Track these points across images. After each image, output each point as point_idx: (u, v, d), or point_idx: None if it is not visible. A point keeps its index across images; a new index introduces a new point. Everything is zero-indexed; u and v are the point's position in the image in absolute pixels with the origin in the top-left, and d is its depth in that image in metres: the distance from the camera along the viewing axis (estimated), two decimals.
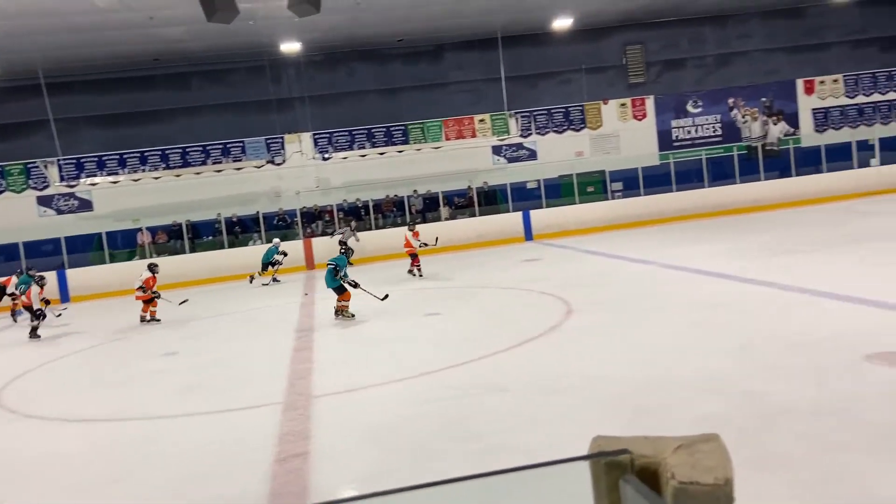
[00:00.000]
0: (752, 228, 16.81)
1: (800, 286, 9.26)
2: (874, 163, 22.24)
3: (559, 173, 22.83)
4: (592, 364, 6.95)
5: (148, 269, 12.94)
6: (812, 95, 24.72)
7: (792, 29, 24.48)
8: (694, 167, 22.87)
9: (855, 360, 5.94)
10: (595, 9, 20.85)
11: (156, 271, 12.94)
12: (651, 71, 24.43)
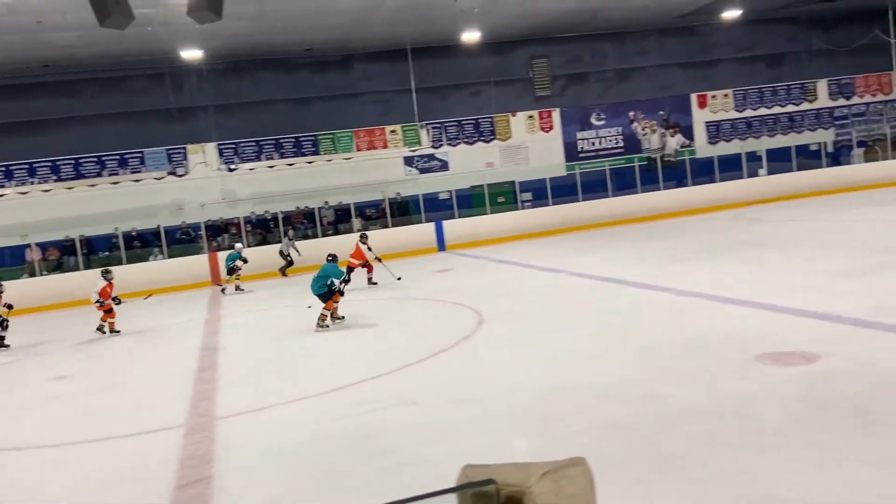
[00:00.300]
0: (653, 236, 17.53)
1: (695, 291, 9.70)
2: (762, 173, 23.69)
3: (471, 184, 23.09)
4: (503, 373, 7.02)
5: (101, 276, 12.05)
6: (705, 109, 26.13)
7: (686, 46, 25.81)
8: (598, 177, 23.65)
9: (745, 360, 6.26)
10: (502, 23, 21.28)
11: (109, 277, 12.08)
12: (556, 84, 25.14)
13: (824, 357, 6.02)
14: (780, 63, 26.74)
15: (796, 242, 13.56)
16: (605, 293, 10.82)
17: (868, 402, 4.94)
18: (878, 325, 6.85)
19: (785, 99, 26.67)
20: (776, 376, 5.79)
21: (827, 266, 10.41)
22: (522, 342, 8.35)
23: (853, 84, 27.15)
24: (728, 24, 24.32)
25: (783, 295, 8.72)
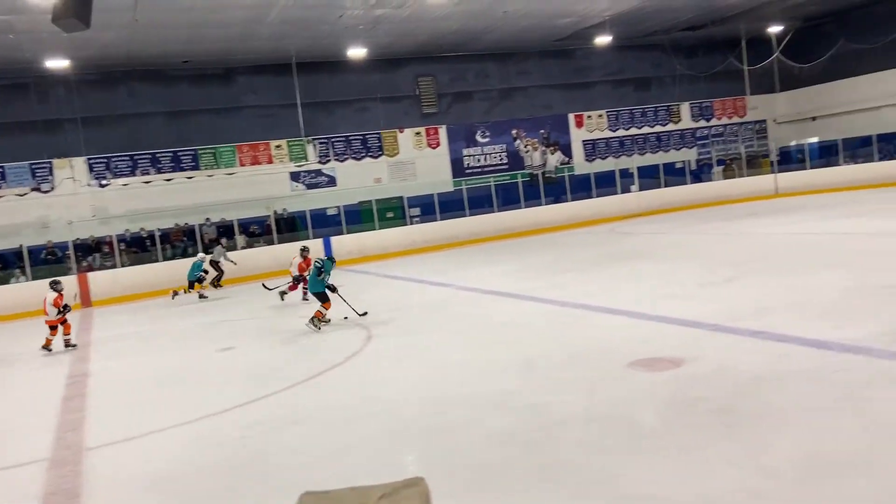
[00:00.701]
0: (536, 249, 18.15)
1: (576, 302, 10.15)
2: (634, 189, 25.14)
3: (359, 199, 23.02)
4: (391, 389, 7.03)
5: (51, 288, 11.25)
6: (582, 128, 27.46)
7: (564, 68, 27.05)
8: (484, 193, 24.24)
9: (621, 367, 6.61)
10: (388, 41, 21.45)
11: (59, 288, 11.30)
12: (443, 102, 25.59)
13: (689, 361, 6.46)
14: (647, 86, 28.56)
15: (664, 254, 14.46)
16: (492, 306, 11.08)
17: (728, 403, 5.35)
18: (737, 329, 7.44)
19: (653, 120, 28.50)
20: (648, 381, 6.16)
21: (690, 276, 11.18)
22: (410, 356, 8.41)
23: (712, 107, 29.43)
24: (601, 48, 25.73)
25: (653, 304, 9.28)
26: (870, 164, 24.02)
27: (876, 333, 6.53)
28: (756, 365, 6.15)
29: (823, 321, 7.32)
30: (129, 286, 17.56)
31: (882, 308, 7.53)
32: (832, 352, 6.23)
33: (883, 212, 16.37)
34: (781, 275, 10.33)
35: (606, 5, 20.55)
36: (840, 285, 8.95)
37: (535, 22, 21.47)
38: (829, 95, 27.84)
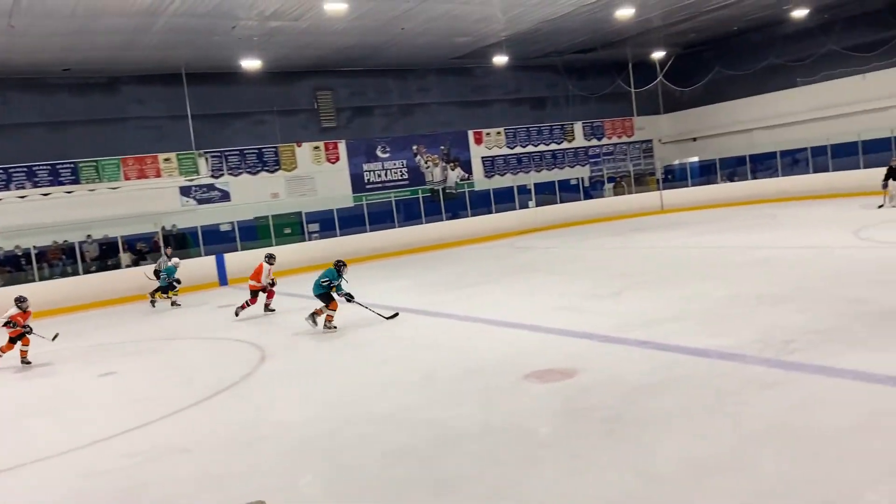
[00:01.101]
0: (437, 264, 18.27)
1: (475, 316, 10.28)
2: (531, 204, 25.84)
3: (255, 215, 22.40)
4: (286, 410, 6.85)
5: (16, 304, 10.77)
6: (481, 145, 28.01)
7: (462, 86, 27.54)
8: (385, 208, 24.19)
9: (516, 380, 6.73)
10: (284, 53, 21.10)
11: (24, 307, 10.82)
12: (342, 116, 25.41)
13: (580, 372, 6.67)
14: (543, 106, 29.54)
15: (559, 268, 14.91)
16: (389, 323, 11.03)
17: (616, 412, 5.55)
18: (625, 340, 7.76)
19: (549, 138, 29.47)
20: (541, 392, 6.30)
21: (584, 289, 11.59)
22: (307, 375, 8.24)
23: (603, 127, 30.78)
24: (498, 68, 26.39)
25: (548, 316, 9.55)
26: (744, 181, 25.81)
27: (748, 341, 6.97)
28: (642, 374, 6.42)
29: (702, 330, 7.75)
30: (1, 308, 16.26)
31: (753, 316, 8.06)
32: (709, 359, 6.60)
33: (756, 226, 17.58)
34: (666, 286, 10.87)
35: (502, 26, 21.11)
36: (718, 295, 9.52)
37: (433, 40, 21.76)
38: (707, 118, 29.77)
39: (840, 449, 4.39)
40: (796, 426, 4.81)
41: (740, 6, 22.13)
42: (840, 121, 24.54)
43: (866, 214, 16.91)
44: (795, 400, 5.30)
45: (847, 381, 5.56)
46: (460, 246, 22.71)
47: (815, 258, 11.91)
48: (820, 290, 9.08)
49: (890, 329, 6.80)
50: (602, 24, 22.08)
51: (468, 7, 18.38)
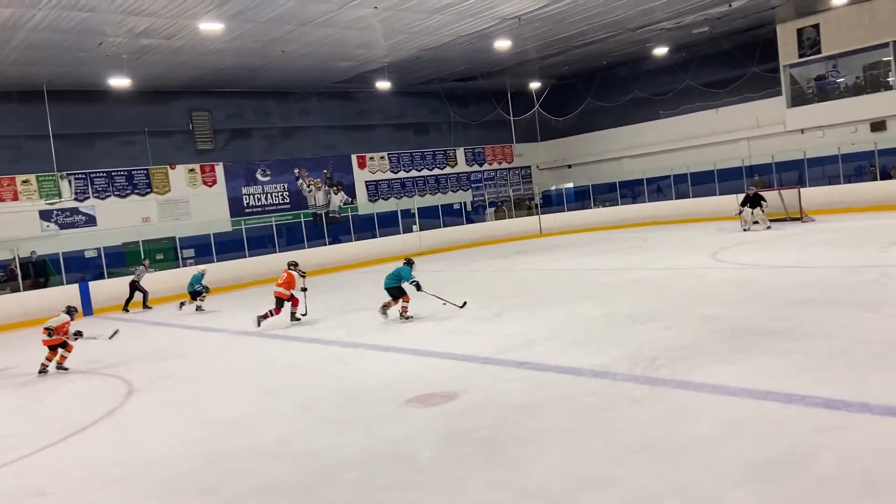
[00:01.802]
0: (320, 290, 17.93)
1: (358, 342, 10.17)
2: (416, 229, 26.03)
3: (123, 240, 21.20)
4: (155, 446, 6.45)
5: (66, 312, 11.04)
6: (365, 169, 28.01)
7: (346, 110, 27.49)
8: (266, 233, 23.60)
9: (398, 405, 6.71)
10: (156, 72, 20.23)
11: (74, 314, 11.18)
12: (219, 138, 24.63)
13: (461, 394, 6.75)
14: (426, 131, 30.00)
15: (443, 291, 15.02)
16: (271, 350, 10.71)
17: (494, 433, 5.64)
18: (504, 361, 7.93)
19: (431, 163, 29.93)
20: (423, 417, 6.31)
21: (466, 311, 11.75)
22: (178, 409, 7.82)
23: (484, 153, 31.65)
24: (381, 93, 26.57)
25: (431, 339, 9.62)
26: (615, 207, 27.29)
27: (619, 358, 7.33)
28: (520, 394, 6.58)
29: (577, 349, 8.06)
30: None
31: (624, 335, 8.48)
32: (583, 377, 6.87)
33: (627, 249, 18.59)
34: (545, 308, 11.24)
35: (384, 52, 21.30)
36: (591, 315, 9.96)
37: (314, 63, 21.60)
38: (581, 146, 31.33)
39: (700, 458, 4.68)
40: (661, 439, 5.08)
41: (608, 42, 23.54)
42: (698, 151, 26.56)
43: (722, 237, 18.33)
44: (660, 413, 5.60)
45: (705, 394, 5.95)
46: (344, 271, 22.48)
47: (679, 279, 12.72)
48: (683, 309, 9.70)
49: (741, 344, 7.35)
50: (481, 54, 22.78)
51: (349, 32, 18.43)
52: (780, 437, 4.80)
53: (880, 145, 21.81)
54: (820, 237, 15.97)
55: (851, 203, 20.96)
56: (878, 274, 10.29)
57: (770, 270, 12.53)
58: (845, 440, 4.65)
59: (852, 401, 5.28)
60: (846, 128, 22.96)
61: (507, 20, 18.89)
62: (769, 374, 6.19)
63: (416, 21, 18.08)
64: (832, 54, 23.46)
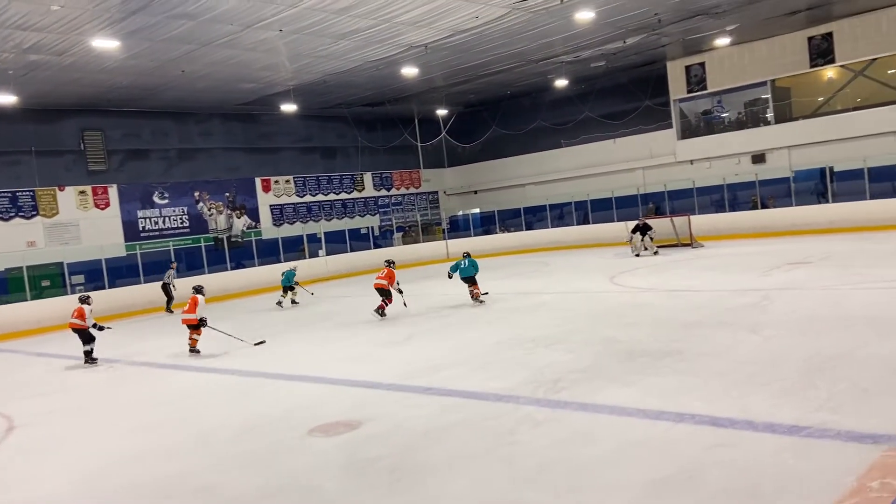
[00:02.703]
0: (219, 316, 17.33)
1: (259, 370, 9.88)
2: (322, 253, 25.68)
3: (6, 266, 19.82)
4: (38, 487, 6.01)
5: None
6: (269, 193, 27.45)
7: (249, 132, 26.91)
8: (163, 258, 22.62)
9: (300, 435, 6.54)
10: (45, 89, 19.17)
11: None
12: (113, 159, 23.54)
13: (365, 422, 6.67)
14: (333, 155, 29.80)
15: (349, 317, 14.88)
16: (166, 380, 10.24)
17: (400, 460, 5.60)
18: (411, 387, 7.91)
19: (338, 188, 29.72)
20: (326, 447, 6.18)
21: (374, 337, 11.68)
22: (63, 445, 7.32)
23: (392, 178, 31.74)
24: (287, 116, 26.20)
25: (336, 366, 9.48)
26: (519, 232, 27.94)
27: (522, 382, 7.46)
28: (425, 420, 6.57)
29: (482, 373, 8.15)
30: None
31: (528, 358, 8.65)
32: (488, 401, 6.94)
33: (531, 273, 19.03)
34: (451, 332, 11.33)
35: (290, 75, 21.08)
36: (497, 339, 10.10)
37: (216, 84, 21.09)
38: (486, 172, 31.99)
39: (598, 479, 4.81)
40: (562, 461, 5.19)
41: (512, 73, 24.27)
42: (598, 179, 27.67)
43: (619, 262, 19.11)
44: (561, 436, 5.74)
45: (604, 415, 6.15)
46: (246, 297, 21.84)
47: (580, 302, 13.14)
48: (583, 332, 10.01)
49: (637, 365, 7.66)
50: (388, 80, 22.94)
51: (253, 54, 18.13)
52: (673, 456, 5.01)
53: (760, 176, 23.45)
54: (708, 262, 16.92)
55: (735, 230, 22.39)
56: (759, 297, 11.00)
57: (663, 294, 13.16)
58: (731, 456, 4.91)
59: (737, 418, 5.59)
60: (731, 159, 24.56)
61: (413, 48, 19.16)
62: (662, 395, 6.47)
63: (322, 45, 18.02)
64: (717, 91, 25.13)
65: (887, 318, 8.60)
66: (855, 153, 21.11)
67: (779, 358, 7.30)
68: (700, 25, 20.46)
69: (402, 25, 16.98)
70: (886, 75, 22.01)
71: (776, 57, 23.30)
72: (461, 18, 16.92)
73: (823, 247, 17.10)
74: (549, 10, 16.91)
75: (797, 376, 6.55)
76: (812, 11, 20.39)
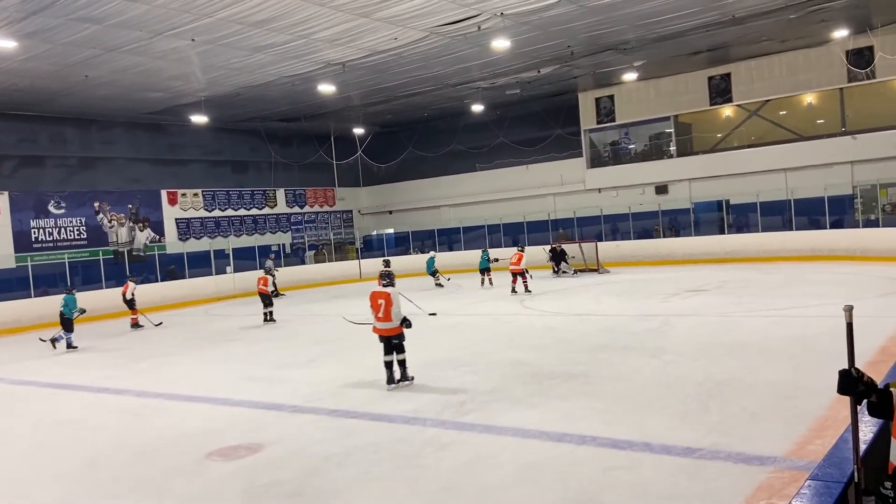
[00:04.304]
0: (117, 334, 16.50)
1: (156, 391, 9.40)
2: (229, 270, 24.88)
3: None
4: None
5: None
6: (176, 206, 26.42)
7: (155, 142, 25.85)
8: (58, 270, 21.34)
9: (197, 460, 6.25)
10: None
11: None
12: (5, 165, 22.10)
13: (267, 446, 6.44)
14: (244, 170, 29.05)
15: (256, 336, 14.45)
16: (53, 402, 9.58)
17: (300, 485, 5.43)
18: (315, 409, 7.72)
19: (249, 203, 28.96)
20: (224, 472, 5.92)
21: (279, 358, 11.37)
22: None
23: (305, 195, 31.25)
24: (197, 127, 25.32)
25: (239, 388, 9.14)
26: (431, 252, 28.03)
27: (429, 404, 7.42)
28: (330, 443, 6.42)
29: (389, 396, 8.05)
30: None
31: (437, 380, 8.62)
32: (394, 424, 6.86)
33: (442, 295, 19.07)
34: (360, 354, 11.10)
35: (202, 86, 20.46)
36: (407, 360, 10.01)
37: (121, 91, 20.20)
38: (402, 193, 32.03)
39: (502, 501, 4.81)
40: (465, 483, 5.17)
41: (429, 95, 24.49)
42: (511, 203, 28.21)
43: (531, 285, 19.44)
44: (466, 458, 5.72)
45: (507, 437, 6.18)
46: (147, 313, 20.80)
47: (491, 324, 13.28)
48: (492, 354, 10.09)
49: (542, 388, 7.77)
50: (305, 96, 22.67)
51: (163, 63, 17.50)
52: (573, 478, 5.09)
53: (663, 206, 24.57)
54: (613, 287, 17.50)
55: (639, 257, 23.31)
56: (660, 322, 11.43)
57: (570, 318, 13.48)
58: (629, 478, 5.03)
59: (636, 441, 5.75)
60: (636, 189, 25.60)
61: (331, 65, 19.02)
62: (566, 417, 6.58)
63: (236, 57, 17.62)
64: (625, 123, 26.22)
65: (774, 345, 9.10)
66: (749, 188, 22.47)
67: (676, 382, 7.59)
68: (610, 60, 21.33)
69: (321, 42, 16.85)
70: (778, 116, 23.61)
71: (679, 94, 24.58)
72: (380, 39, 16.96)
73: (719, 275, 18.05)
74: (466, 37, 17.21)
75: (693, 400, 6.81)
76: (712, 53, 21.65)
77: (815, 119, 23.08)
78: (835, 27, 19.47)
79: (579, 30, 17.65)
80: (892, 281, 14.47)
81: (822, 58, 21.50)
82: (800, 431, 5.59)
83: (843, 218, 21.29)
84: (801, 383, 7.07)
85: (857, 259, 19.02)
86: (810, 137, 22.46)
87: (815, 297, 12.84)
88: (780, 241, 21.26)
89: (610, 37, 18.74)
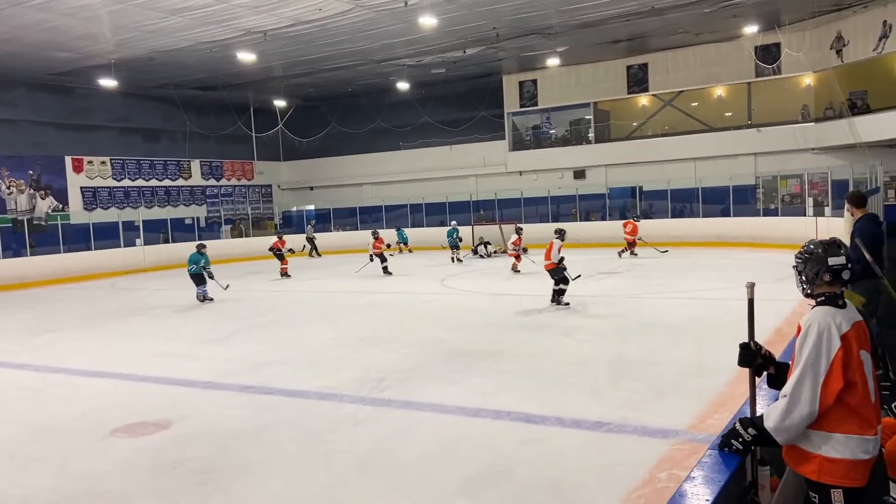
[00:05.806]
0: (15, 307, 15.60)
1: (57, 366, 8.96)
2: (139, 242, 23.85)
3: None
4: None
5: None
6: (81, 174, 25.05)
7: (60, 106, 24.32)
8: None
9: (101, 436, 6.00)
10: None
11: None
12: None
13: (176, 422, 6.26)
14: (157, 139, 27.78)
15: (166, 311, 13.94)
16: None
17: (210, 462, 5.30)
18: (229, 385, 7.55)
19: (162, 173, 27.77)
20: (129, 449, 5.71)
21: (193, 333, 11.05)
22: None
23: (222, 167, 30.24)
24: (106, 91, 23.97)
25: (148, 364, 8.83)
26: (355, 231, 27.80)
27: (347, 380, 7.39)
28: (242, 419, 6.29)
29: (306, 371, 7.97)
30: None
31: (354, 357, 8.59)
32: (311, 400, 6.80)
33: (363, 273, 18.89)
34: (278, 330, 10.98)
35: (112, 48, 19.38)
36: (324, 338, 9.94)
37: (23, 49, 18.88)
38: (324, 169, 31.49)
39: (417, 476, 4.86)
40: (382, 459, 5.18)
41: (353, 70, 24.11)
42: (434, 183, 28.25)
43: (450, 266, 19.63)
44: (383, 434, 5.73)
45: (425, 412, 6.24)
46: (49, 286, 19.76)
47: (412, 303, 13.30)
48: (412, 332, 10.12)
49: (460, 365, 7.87)
50: (223, 64, 21.85)
51: (70, 21, 16.47)
52: (488, 452, 5.19)
53: (581, 191, 25.19)
54: (531, 268, 17.84)
55: None
56: (574, 303, 11.76)
57: (489, 297, 13.68)
58: (540, 451, 5.17)
59: (548, 415, 5.91)
60: (555, 173, 26.13)
61: (252, 33, 18.40)
62: (482, 393, 6.69)
63: (150, 19, 16.77)
64: (546, 107, 26.64)
65: (680, 326, 9.54)
66: (661, 175, 23.33)
67: (589, 360, 7.84)
68: (534, 44, 21.57)
69: (241, 8, 16.25)
70: (690, 107, 24.55)
71: (599, 81, 25.16)
72: (304, 9, 16.52)
73: (630, 259, 18.70)
74: (392, 12, 16.99)
75: (603, 378, 7.06)
76: (631, 42, 22.24)
77: (724, 111, 24.15)
78: (745, 23, 20.35)
79: (505, 12, 17.74)
80: (787, 267, 15.36)
81: (732, 52, 22.47)
82: (701, 407, 5.89)
83: (746, 206, 22.44)
84: (703, 362, 7.44)
85: (757, 246, 20.13)
86: (719, 129, 23.51)
87: (719, 281, 13.50)
88: (688, 227, 22.22)
89: (534, 20, 18.94)
